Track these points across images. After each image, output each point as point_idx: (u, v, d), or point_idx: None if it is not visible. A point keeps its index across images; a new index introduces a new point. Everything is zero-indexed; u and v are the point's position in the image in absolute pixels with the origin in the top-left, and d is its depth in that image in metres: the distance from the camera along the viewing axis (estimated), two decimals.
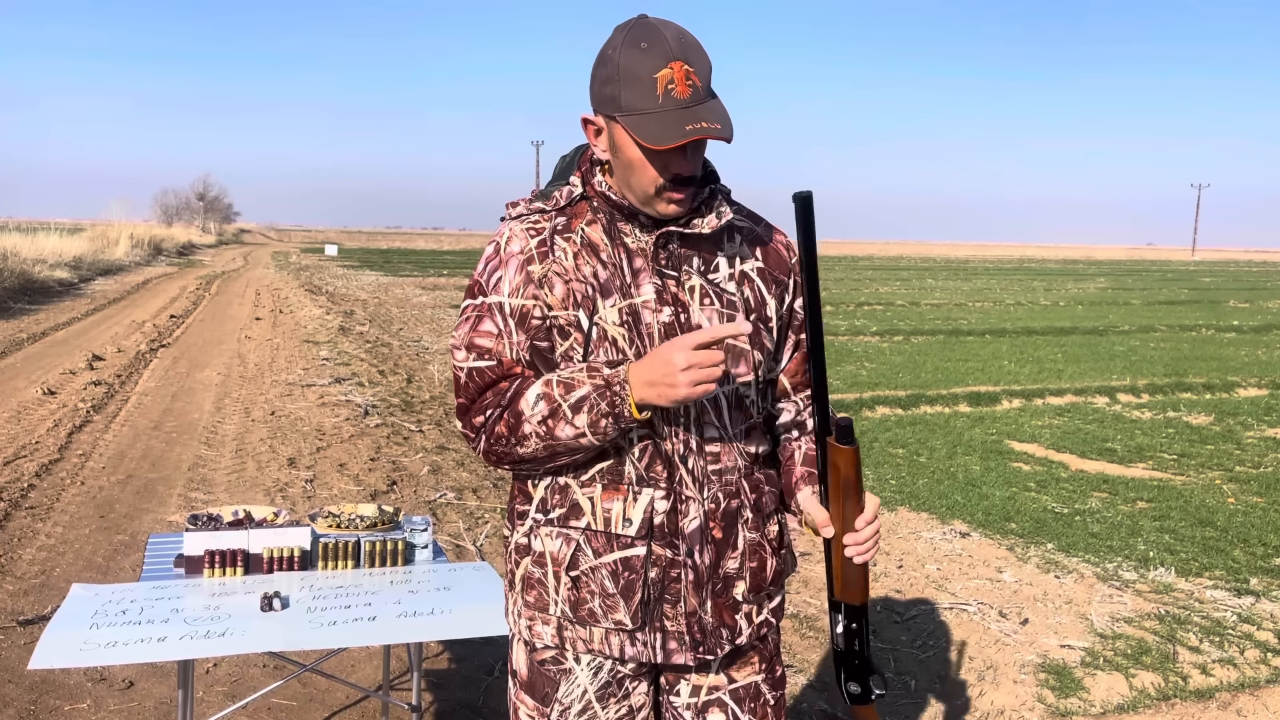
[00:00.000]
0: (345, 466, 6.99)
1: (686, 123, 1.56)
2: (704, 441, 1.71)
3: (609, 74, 1.60)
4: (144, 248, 39.04)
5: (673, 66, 1.56)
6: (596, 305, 1.68)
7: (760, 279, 1.77)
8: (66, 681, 3.72)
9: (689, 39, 1.60)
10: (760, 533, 1.79)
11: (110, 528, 5.55)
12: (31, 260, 22.82)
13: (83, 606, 2.61)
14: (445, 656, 4.02)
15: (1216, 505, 6.38)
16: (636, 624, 1.72)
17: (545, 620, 1.76)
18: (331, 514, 3.10)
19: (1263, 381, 11.75)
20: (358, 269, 36.31)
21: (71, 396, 9.26)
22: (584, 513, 1.72)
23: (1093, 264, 71.14)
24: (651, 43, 1.57)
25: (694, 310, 1.70)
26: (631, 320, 1.68)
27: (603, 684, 1.78)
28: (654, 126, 1.56)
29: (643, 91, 1.57)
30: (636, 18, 1.63)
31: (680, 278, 1.71)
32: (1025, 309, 23.32)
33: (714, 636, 1.76)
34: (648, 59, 1.56)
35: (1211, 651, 4.14)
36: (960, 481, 6.88)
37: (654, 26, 1.59)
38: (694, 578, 1.72)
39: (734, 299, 1.73)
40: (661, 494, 1.70)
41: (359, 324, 16.34)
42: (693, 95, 1.57)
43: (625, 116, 1.59)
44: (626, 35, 1.59)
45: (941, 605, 4.63)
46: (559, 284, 1.69)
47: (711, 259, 1.74)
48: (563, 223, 1.73)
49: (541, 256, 1.70)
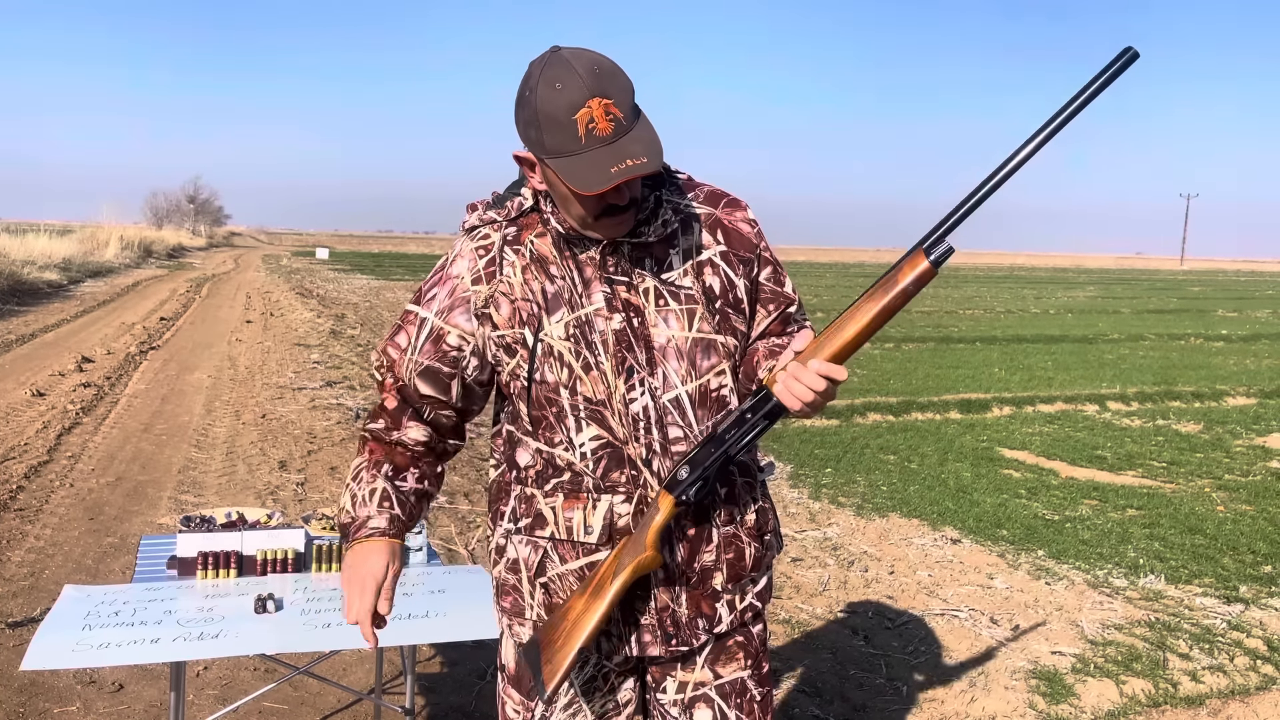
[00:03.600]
0: (336, 470, 6.97)
1: (612, 163, 1.52)
2: (669, 442, 1.70)
3: (529, 117, 1.56)
4: (134, 250, 38.91)
5: (590, 105, 1.52)
6: (542, 322, 1.68)
7: (724, 262, 1.75)
8: (56, 684, 3.70)
9: (605, 67, 1.55)
10: (735, 524, 1.77)
11: (100, 530, 5.52)
12: (21, 262, 22.70)
13: (75, 607, 2.60)
14: (438, 660, 4.01)
15: (1206, 513, 6.41)
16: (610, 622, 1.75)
17: (522, 623, 1.80)
18: (325, 516, 3.10)
19: (1251, 390, 11.80)
20: (349, 272, 36.24)
21: (61, 398, 9.22)
22: (548, 522, 1.74)
23: (1082, 272, 71.41)
24: (565, 81, 1.52)
25: (649, 312, 1.69)
26: (580, 332, 1.68)
27: (588, 678, 1.80)
28: (581, 170, 1.53)
29: (565, 135, 1.53)
30: (549, 53, 1.57)
31: (633, 281, 1.70)
32: (1015, 317, 23.39)
33: (689, 628, 1.76)
34: (563, 98, 1.52)
35: (1201, 659, 4.16)
36: (951, 488, 6.89)
37: (566, 61, 1.54)
38: (664, 575, 1.73)
39: (693, 294, 1.71)
40: (621, 499, 1.70)
41: (350, 327, 16.31)
42: (615, 129, 1.53)
43: (552, 159, 1.56)
44: (541, 75, 1.55)
45: (933, 612, 4.64)
46: (505, 304, 1.70)
47: (665, 258, 1.72)
48: (513, 233, 1.73)
49: (488, 277, 1.71)
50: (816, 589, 4.91)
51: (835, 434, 8.62)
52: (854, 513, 6.28)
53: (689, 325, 1.70)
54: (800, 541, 5.66)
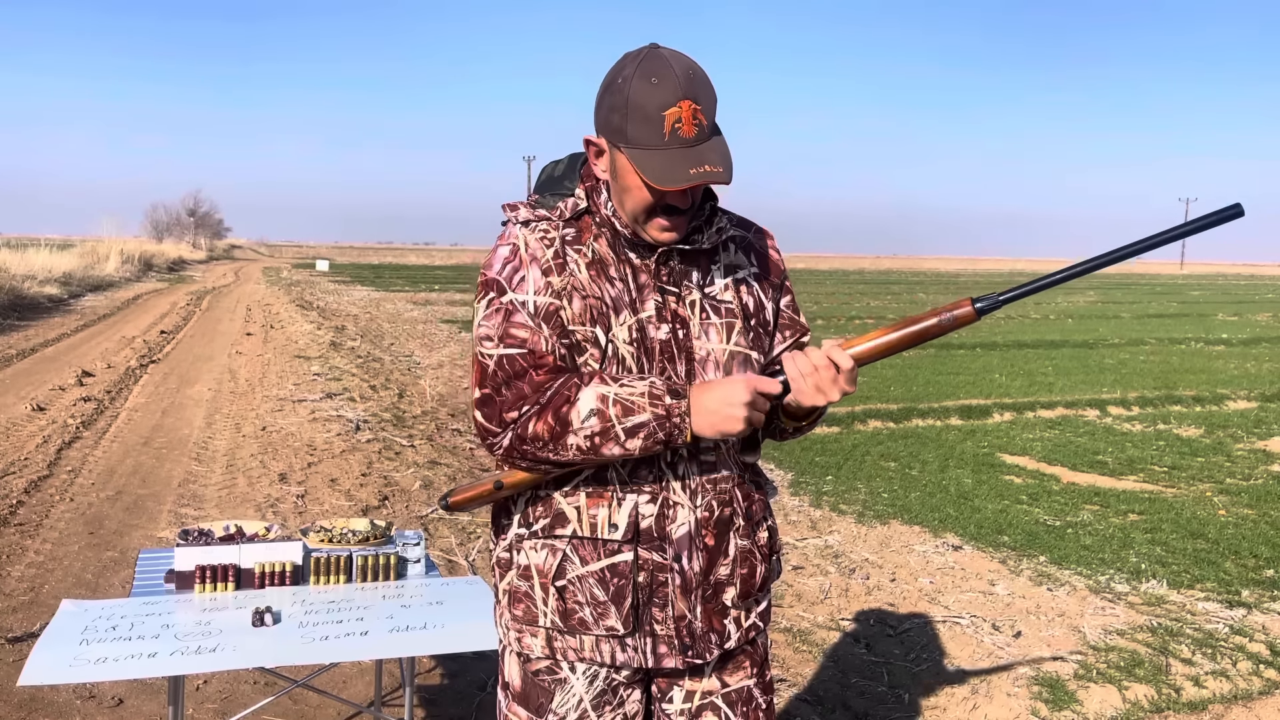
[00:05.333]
0: (337, 482, 6.97)
1: (691, 164, 1.57)
2: (699, 450, 1.73)
3: (616, 103, 1.61)
4: (134, 264, 38.94)
5: (681, 105, 1.57)
6: (610, 322, 1.69)
7: (757, 283, 1.81)
8: (55, 699, 3.69)
9: (698, 74, 1.60)
10: (751, 540, 1.81)
11: (100, 544, 5.52)
12: (21, 276, 22.73)
13: (72, 622, 2.60)
14: (438, 672, 4.00)
15: (1208, 517, 6.39)
16: (628, 629, 1.74)
17: (534, 633, 1.78)
18: (324, 529, 3.10)
19: (1252, 394, 11.80)
20: (349, 284, 36.28)
21: (61, 413, 9.22)
22: (569, 521, 1.73)
23: (1082, 277, 71.25)
24: (662, 78, 1.57)
25: (694, 325, 1.73)
26: (639, 337, 1.70)
27: (598, 692, 1.79)
28: (659, 164, 1.58)
29: (650, 128, 1.58)
30: (648, 48, 1.62)
31: (681, 293, 1.74)
32: (1015, 322, 23.38)
33: (703, 641, 1.77)
34: (657, 94, 1.57)
35: (1204, 663, 4.14)
36: (952, 494, 6.88)
37: (665, 60, 1.59)
38: (681, 582, 1.73)
39: (732, 308, 1.77)
40: (646, 499, 1.72)
41: (350, 339, 16.31)
42: (698, 134, 1.58)
43: (630, 149, 1.60)
44: (638, 67, 1.59)
45: (934, 619, 4.63)
46: (576, 298, 1.69)
47: (708, 272, 1.77)
48: (572, 234, 1.73)
49: (559, 269, 1.70)
50: (818, 597, 4.90)
51: (836, 441, 8.61)
52: (855, 520, 6.27)
53: (727, 339, 1.75)
54: (801, 549, 5.65)
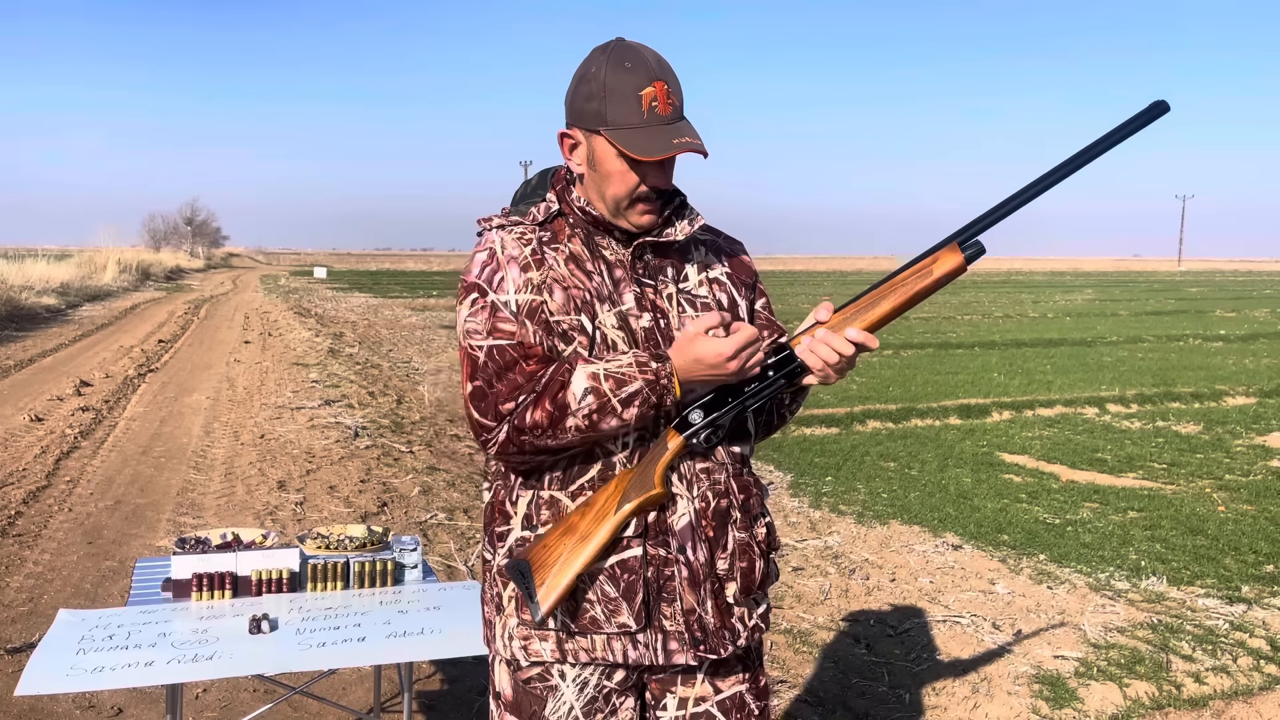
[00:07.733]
0: (335, 489, 6.96)
1: (671, 137, 1.66)
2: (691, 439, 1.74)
3: (592, 90, 1.69)
4: (132, 273, 38.96)
5: (655, 86, 1.67)
6: (596, 309, 1.73)
7: (730, 282, 1.86)
8: (55, 709, 3.68)
9: (665, 62, 1.71)
10: (749, 533, 1.81)
11: (98, 554, 5.51)
12: (18, 287, 22.73)
13: (69, 632, 2.59)
14: (437, 678, 3.99)
15: (1207, 514, 6.39)
16: (640, 625, 1.73)
17: (543, 636, 1.77)
18: (320, 535, 3.09)
19: (1250, 390, 11.80)
20: (347, 291, 36.29)
21: (59, 423, 9.21)
22: None
23: (1080, 275, 71.49)
24: (634, 63, 1.68)
25: (673, 317, 1.77)
26: (626, 324, 1.74)
27: (589, 699, 1.78)
28: (641, 140, 1.66)
29: (629, 108, 1.67)
30: (615, 40, 1.73)
31: (657, 286, 1.78)
32: (1013, 321, 23.40)
33: (716, 636, 1.77)
34: (632, 77, 1.67)
35: (1204, 660, 4.14)
36: (952, 494, 6.88)
37: (634, 48, 1.70)
38: (688, 574, 1.74)
39: (708, 303, 1.81)
40: None
41: (348, 346, 16.32)
42: (673, 113, 1.69)
43: (611, 130, 1.68)
44: (609, 55, 1.69)
45: (935, 618, 4.63)
46: (558, 290, 1.73)
47: (681, 268, 1.82)
48: (548, 236, 1.78)
49: (537, 264, 1.74)
50: (818, 598, 4.90)
51: (835, 442, 8.61)
52: (855, 520, 6.26)
53: None
54: (801, 550, 5.64)
